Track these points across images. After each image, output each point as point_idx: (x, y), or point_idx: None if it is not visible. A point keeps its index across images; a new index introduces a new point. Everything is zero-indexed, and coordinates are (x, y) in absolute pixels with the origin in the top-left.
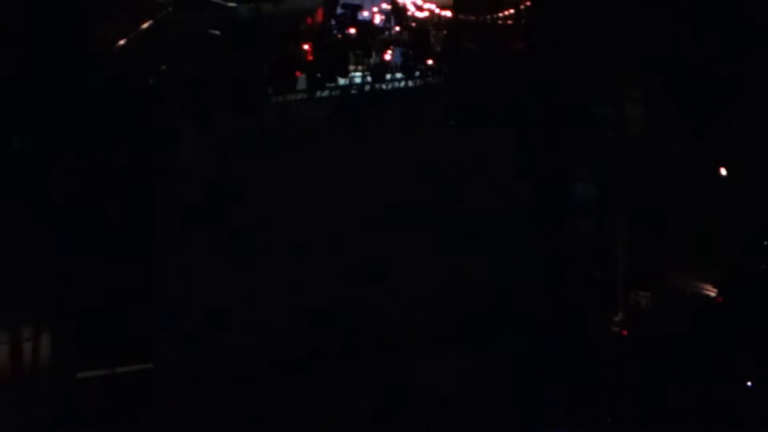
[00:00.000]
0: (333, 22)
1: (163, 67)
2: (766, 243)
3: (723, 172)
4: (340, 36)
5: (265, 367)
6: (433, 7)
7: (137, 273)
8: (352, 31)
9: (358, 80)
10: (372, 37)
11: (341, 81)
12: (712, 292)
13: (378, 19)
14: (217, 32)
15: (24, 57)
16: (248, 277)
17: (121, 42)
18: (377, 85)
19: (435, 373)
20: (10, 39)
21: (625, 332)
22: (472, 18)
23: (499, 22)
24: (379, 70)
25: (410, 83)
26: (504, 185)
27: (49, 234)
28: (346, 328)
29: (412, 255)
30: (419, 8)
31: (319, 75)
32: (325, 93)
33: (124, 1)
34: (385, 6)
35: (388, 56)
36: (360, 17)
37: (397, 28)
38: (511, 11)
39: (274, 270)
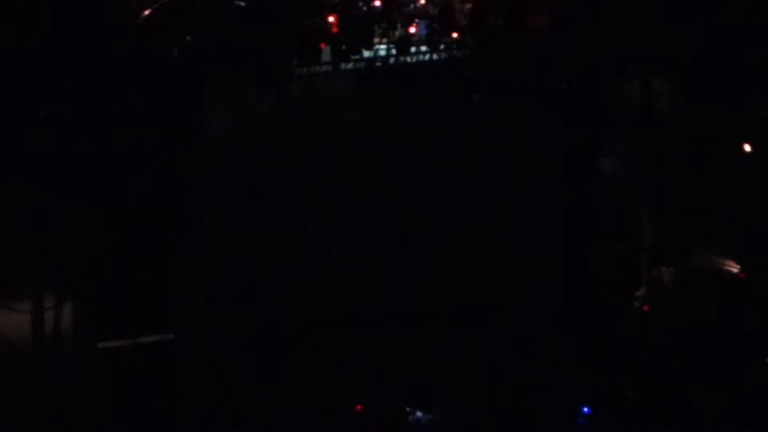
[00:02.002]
0: None
1: (188, 38)
2: None
3: (747, 148)
4: (365, 8)
5: (291, 339)
6: None
7: (163, 245)
8: (378, 3)
9: (382, 53)
10: (397, 9)
11: (366, 54)
12: (736, 269)
13: None
14: (242, 3)
15: (47, 28)
16: (273, 250)
17: (146, 12)
18: (402, 58)
19: (460, 346)
20: (33, 12)
21: (646, 308)
22: None
23: None
24: (404, 43)
25: (435, 56)
26: (528, 159)
27: (71, 206)
28: (373, 301)
29: (435, 228)
30: None
31: (343, 47)
32: (350, 65)
33: None
34: None
35: (413, 29)
36: None
37: (422, 1)
38: None
39: (300, 243)
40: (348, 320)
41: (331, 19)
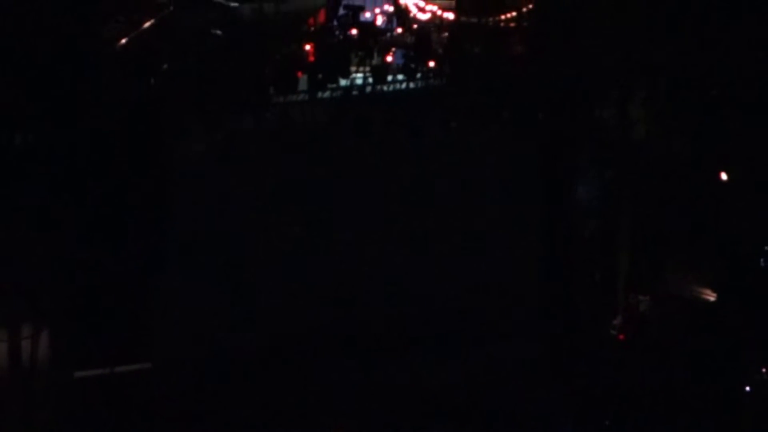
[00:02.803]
0: (335, 23)
1: (165, 66)
2: (766, 247)
3: (723, 176)
4: (341, 37)
5: (266, 364)
6: (435, 8)
7: (138, 273)
8: (354, 32)
9: (359, 82)
10: (374, 38)
11: (343, 82)
12: (712, 297)
13: (380, 20)
14: (218, 32)
15: (27, 57)
16: (248, 278)
17: (123, 41)
18: (379, 87)
19: (438, 371)
20: (12, 39)
21: (622, 336)
22: (474, 20)
23: (502, 24)
24: (381, 71)
25: (412, 85)
26: (506, 186)
27: (50, 233)
28: (349, 326)
29: (411, 258)
30: (421, 10)
31: (320, 76)
32: (327, 94)
33: (125, 0)
34: (387, 7)
35: (390, 58)
36: (362, 18)
37: (399, 30)
38: (514, 14)
39: (274, 271)
40: (326, 344)
41: (307, 47)
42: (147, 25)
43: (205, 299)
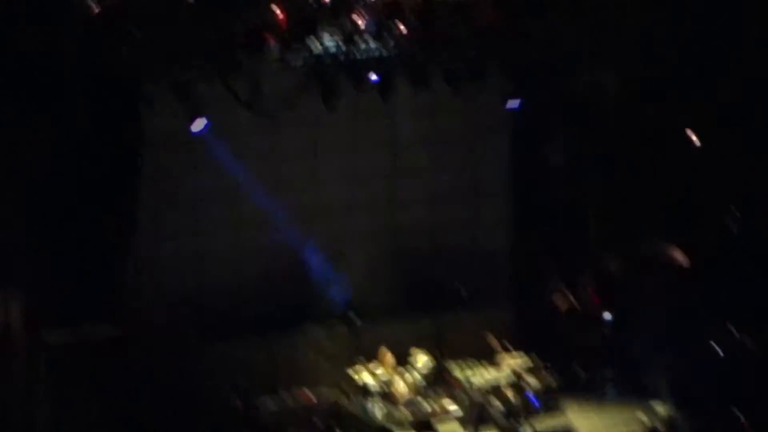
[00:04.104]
0: None
1: (137, 35)
2: (736, 210)
3: (694, 138)
4: (313, 2)
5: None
6: None
7: (114, 236)
8: None
9: (330, 47)
10: (347, 3)
11: (314, 48)
12: (684, 259)
13: None
14: None
15: None
16: (223, 242)
17: (96, 10)
18: (350, 53)
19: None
20: None
21: (597, 299)
22: None
23: None
24: (352, 38)
25: (384, 52)
26: (477, 148)
27: (23, 196)
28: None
29: (381, 228)
30: None
31: (290, 40)
32: (300, 62)
33: None
34: None
35: (361, 24)
36: None
37: None
38: None
39: (249, 236)
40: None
41: (278, 12)
42: None
43: (183, 263)
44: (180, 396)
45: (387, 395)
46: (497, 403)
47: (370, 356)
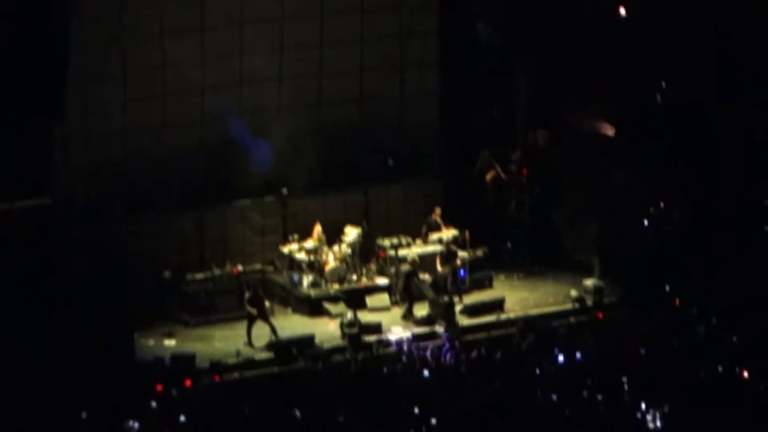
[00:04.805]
0: None
1: None
2: (662, 81)
3: (622, 11)
4: None
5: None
6: None
7: (43, 107)
8: None
9: None
10: None
11: None
12: (610, 130)
13: None
14: None
15: None
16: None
17: None
18: None
19: None
20: None
21: (525, 171)
22: None
23: None
24: None
25: None
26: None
27: None
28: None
29: None
30: None
31: None
32: None
33: None
34: None
35: None
36: None
37: None
38: None
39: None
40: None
41: None
42: None
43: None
44: (108, 265)
45: (315, 267)
46: (425, 275)
47: (299, 230)
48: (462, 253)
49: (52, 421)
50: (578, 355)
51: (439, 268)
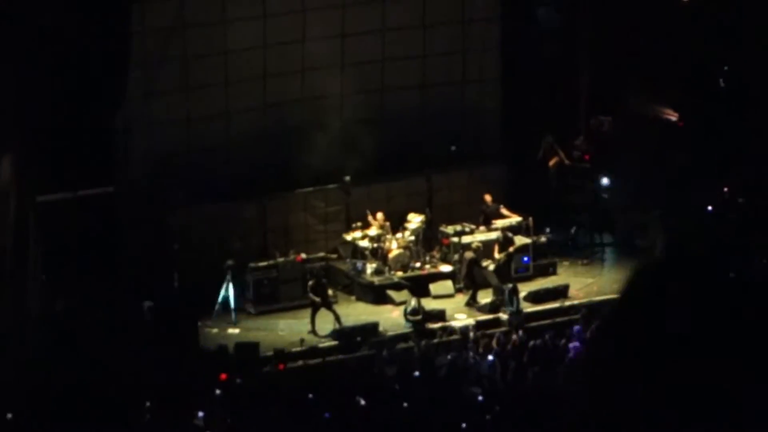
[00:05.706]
0: None
1: None
2: (724, 66)
3: None
4: None
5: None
6: None
7: (105, 95)
8: None
9: None
10: None
11: None
12: (674, 116)
13: None
14: None
15: None
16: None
17: None
18: None
19: None
20: None
21: (587, 157)
22: None
23: None
24: None
25: None
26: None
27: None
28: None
29: None
30: None
31: None
32: None
33: None
34: None
35: None
36: None
37: None
38: None
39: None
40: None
41: None
42: None
43: (170, 123)
44: (171, 254)
45: (378, 254)
46: (488, 263)
47: (362, 218)
48: (524, 240)
49: (116, 410)
50: None
51: (496, 255)
